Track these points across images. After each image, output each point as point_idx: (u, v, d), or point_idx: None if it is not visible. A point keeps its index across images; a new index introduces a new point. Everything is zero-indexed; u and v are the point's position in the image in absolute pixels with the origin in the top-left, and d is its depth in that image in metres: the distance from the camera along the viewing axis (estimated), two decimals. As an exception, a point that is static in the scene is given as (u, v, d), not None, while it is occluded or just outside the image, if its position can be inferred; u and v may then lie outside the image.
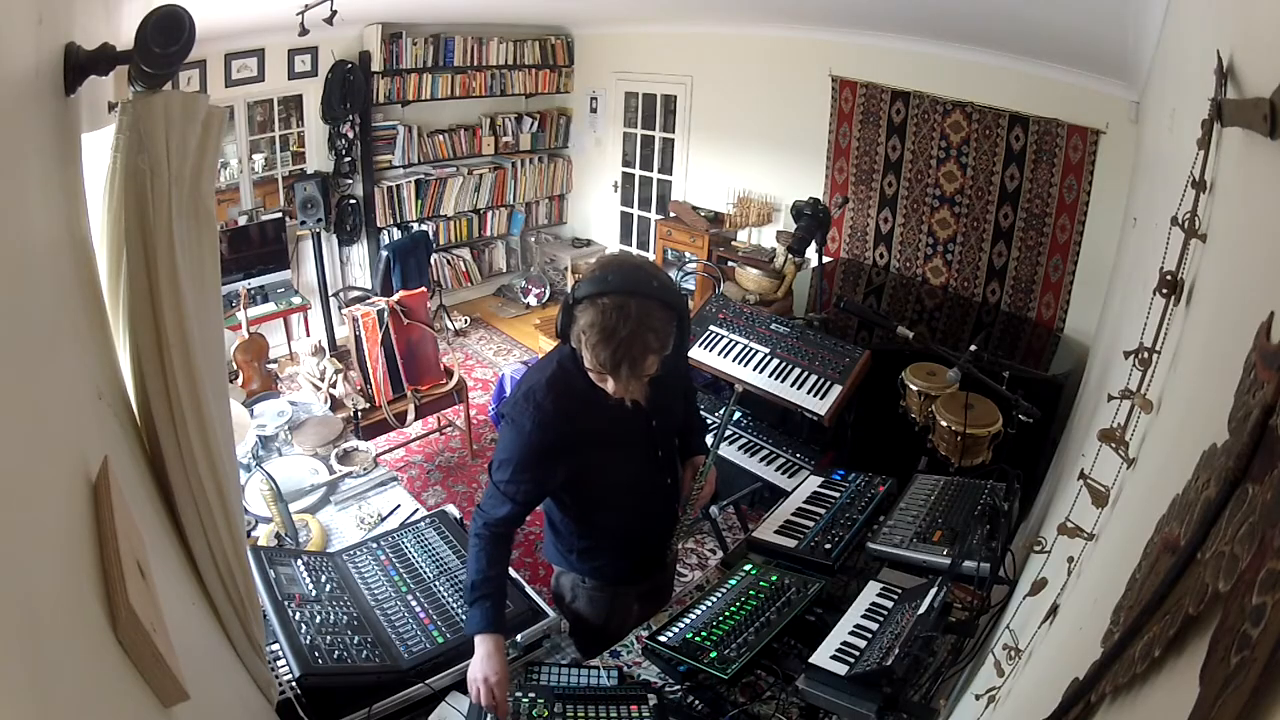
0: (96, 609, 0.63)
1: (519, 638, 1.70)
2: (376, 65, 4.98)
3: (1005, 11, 3.02)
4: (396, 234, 5.41)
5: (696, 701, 1.58)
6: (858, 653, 1.47)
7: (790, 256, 3.56)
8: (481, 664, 1.49)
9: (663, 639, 1.63)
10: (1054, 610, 1.02)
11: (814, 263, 3.53)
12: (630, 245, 6.23)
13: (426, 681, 1.57)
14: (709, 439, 1.96)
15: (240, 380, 3.91)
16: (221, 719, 1.02)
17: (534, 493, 1.62)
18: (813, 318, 3.29)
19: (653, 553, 1.86)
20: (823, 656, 1.47)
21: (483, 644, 1.51)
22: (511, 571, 1.88)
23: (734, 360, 3.06)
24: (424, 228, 5.55)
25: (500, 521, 1.58)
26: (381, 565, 1.89)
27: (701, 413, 2.08)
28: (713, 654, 1.55)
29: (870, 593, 1.67)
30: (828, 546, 1.88)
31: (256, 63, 4.46)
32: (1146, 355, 0.90)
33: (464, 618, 1.70)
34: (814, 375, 2.91)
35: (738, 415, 3.01)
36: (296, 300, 4.93)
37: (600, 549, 1.80)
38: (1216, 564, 0.44)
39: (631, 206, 6.15)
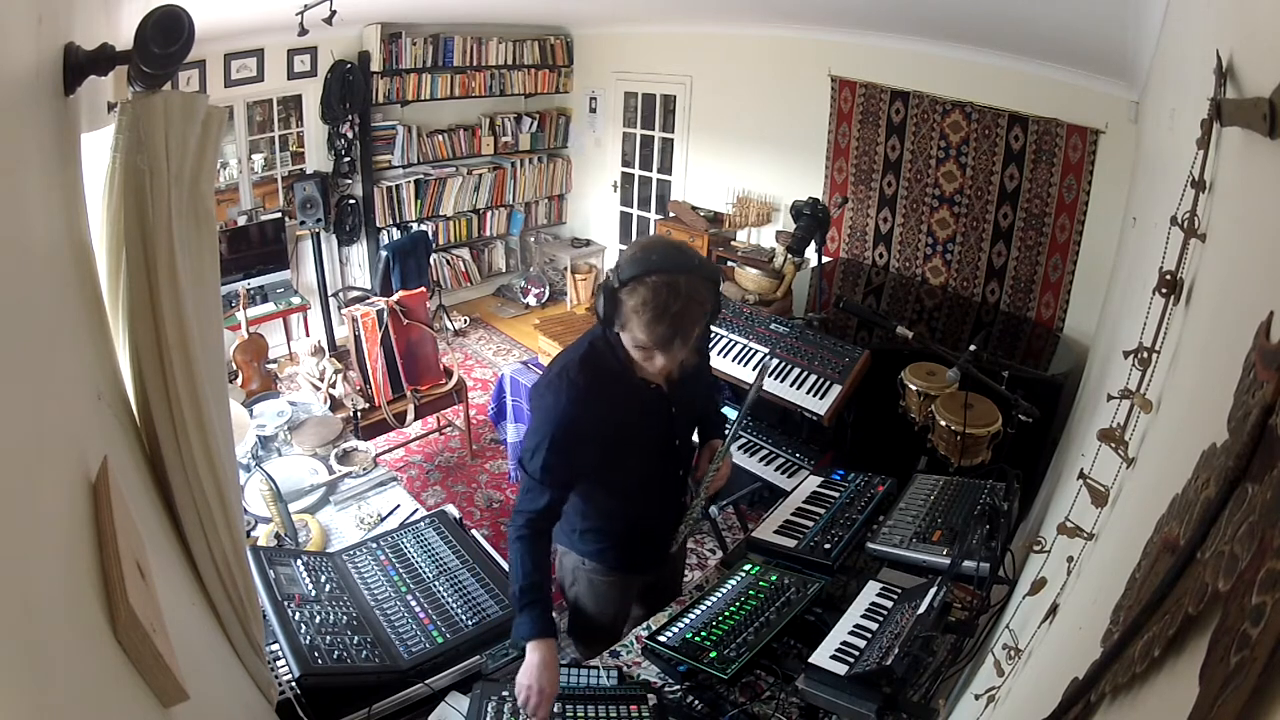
0: (96, 609, 0.63)
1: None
2: (376, 65, 4.98)
3: (1005, 12, 3.02)
4: (396, 234, 5.41)
5: (696, 701, 1.58)
6: (857, 653, 1.47)
7: (790, 256, 3.55)
8: (535, 672, 1.46)
9: (662, 639, 1.64)
10: (1053, 610, 1.02)
11: (813, 263, 3.52)
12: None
13: (426, 681, 1.57)
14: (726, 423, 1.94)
15: (240, 380, 3.91)
16: (221, 719, 1.02)
17: (570, 475, 1.60)
18: (812, 318, 3.29)
19: (656, 544, 1.85)
20: (822, 656, 1.47)
21: (536, 651, 1.48)
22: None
23: (734, 360, 3.07)
24: (423, 228, 5.54)
25: (541, 515, 1.57)
26: (381, 565, 1.89)
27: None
28: (712, 654, 1.55)
29: (870, 593, 1.67)
30: (827, 546, 1.88)
31: (256, 63, 4.46)
32: (1146, 355, 0.90)
33: (464, 618, 1.71)
34: (814, 375, 2.91)
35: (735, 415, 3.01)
36: (296, 300, 4.93)
37: (603, 531, 1.80)
38: (1216, 563, 0.44)
39: (631, 206, 6.15)
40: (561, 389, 1.55)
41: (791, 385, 2.92)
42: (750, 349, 3.07)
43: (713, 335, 3.12)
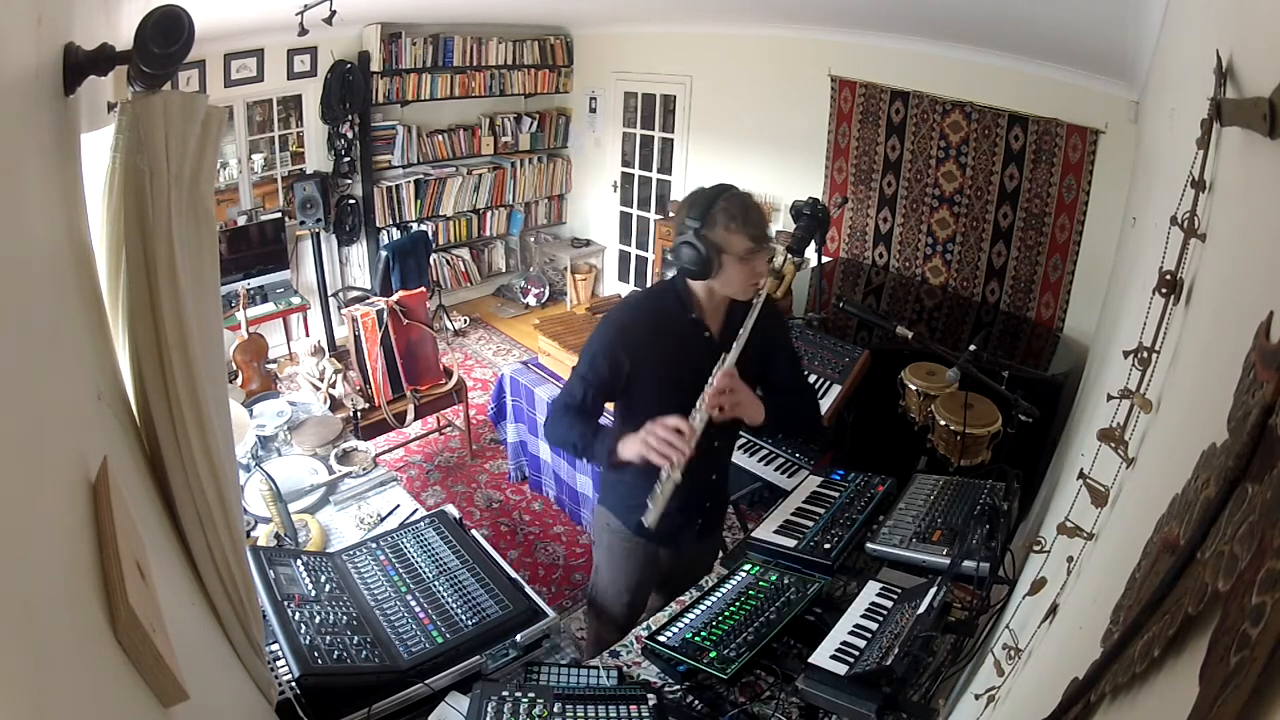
0: (96, 609, 0.63)
1: (519, 637, 1.70)
2: (376, 65, 4.98)
3: (1005, 12, 3.02)
4: (396, 234, 5.41)
5: (696, 701, 1.58)
6: (857, 652, 1.47)
7: (789, 256, 3.55)
8: (634, 438, 1.66)
9: (662, 639, 1.64)
10: (1053, 610, 1.02)
11: (813, 262, 3.52)
12: (630, 245, 6.23)
13: (426, 681, 1.57)
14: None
15: (240, 380, 3.91)
16: (221, 719, 1.02)
17: (606, 383, 1.76)
18: (812, 317, 3.29)
19: (682, 513, 1.83)
20: (822, 656, 1.47)
21: (622, 441, 1.69)
22: (511, 571, 1.89)
23: (733, 360, 3.06)
24: (423, 228, 5.55)
25: (578, 407, 1.78)
26: (381, 565, 1.89)
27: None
28: (712, 654, 1.55)
29: (870, 592, 1.68)
30: (827, 546, 1.88)
31: (256, 63, 4.46)
32: (1146, 355, 0.90)
33: (464, 618, 1.71)
34: (813, 375, 2.91)
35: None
36: (296, 300, 4.93)
37: (626, 484, 1.85)
38: (1216, 563, 0.44)
39: (631, 206, 6.15)
40: (623, 305, 1.83)
41: (791, 385, 2.90)
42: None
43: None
